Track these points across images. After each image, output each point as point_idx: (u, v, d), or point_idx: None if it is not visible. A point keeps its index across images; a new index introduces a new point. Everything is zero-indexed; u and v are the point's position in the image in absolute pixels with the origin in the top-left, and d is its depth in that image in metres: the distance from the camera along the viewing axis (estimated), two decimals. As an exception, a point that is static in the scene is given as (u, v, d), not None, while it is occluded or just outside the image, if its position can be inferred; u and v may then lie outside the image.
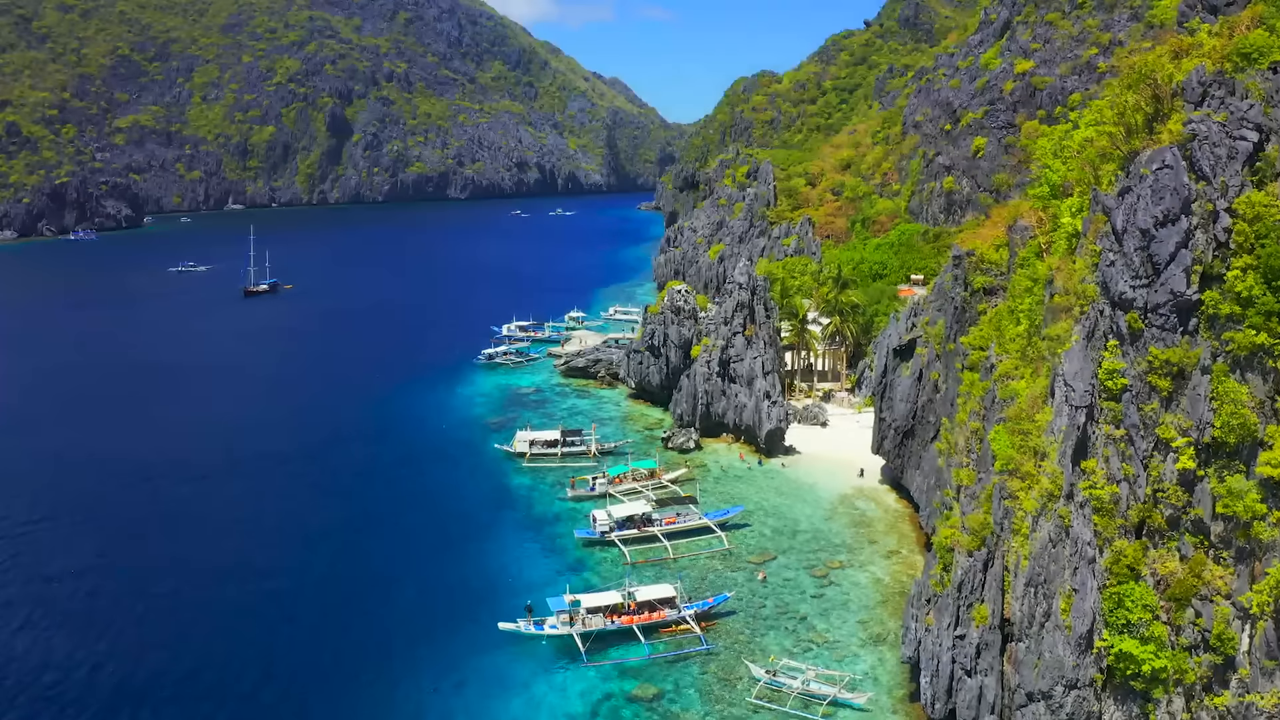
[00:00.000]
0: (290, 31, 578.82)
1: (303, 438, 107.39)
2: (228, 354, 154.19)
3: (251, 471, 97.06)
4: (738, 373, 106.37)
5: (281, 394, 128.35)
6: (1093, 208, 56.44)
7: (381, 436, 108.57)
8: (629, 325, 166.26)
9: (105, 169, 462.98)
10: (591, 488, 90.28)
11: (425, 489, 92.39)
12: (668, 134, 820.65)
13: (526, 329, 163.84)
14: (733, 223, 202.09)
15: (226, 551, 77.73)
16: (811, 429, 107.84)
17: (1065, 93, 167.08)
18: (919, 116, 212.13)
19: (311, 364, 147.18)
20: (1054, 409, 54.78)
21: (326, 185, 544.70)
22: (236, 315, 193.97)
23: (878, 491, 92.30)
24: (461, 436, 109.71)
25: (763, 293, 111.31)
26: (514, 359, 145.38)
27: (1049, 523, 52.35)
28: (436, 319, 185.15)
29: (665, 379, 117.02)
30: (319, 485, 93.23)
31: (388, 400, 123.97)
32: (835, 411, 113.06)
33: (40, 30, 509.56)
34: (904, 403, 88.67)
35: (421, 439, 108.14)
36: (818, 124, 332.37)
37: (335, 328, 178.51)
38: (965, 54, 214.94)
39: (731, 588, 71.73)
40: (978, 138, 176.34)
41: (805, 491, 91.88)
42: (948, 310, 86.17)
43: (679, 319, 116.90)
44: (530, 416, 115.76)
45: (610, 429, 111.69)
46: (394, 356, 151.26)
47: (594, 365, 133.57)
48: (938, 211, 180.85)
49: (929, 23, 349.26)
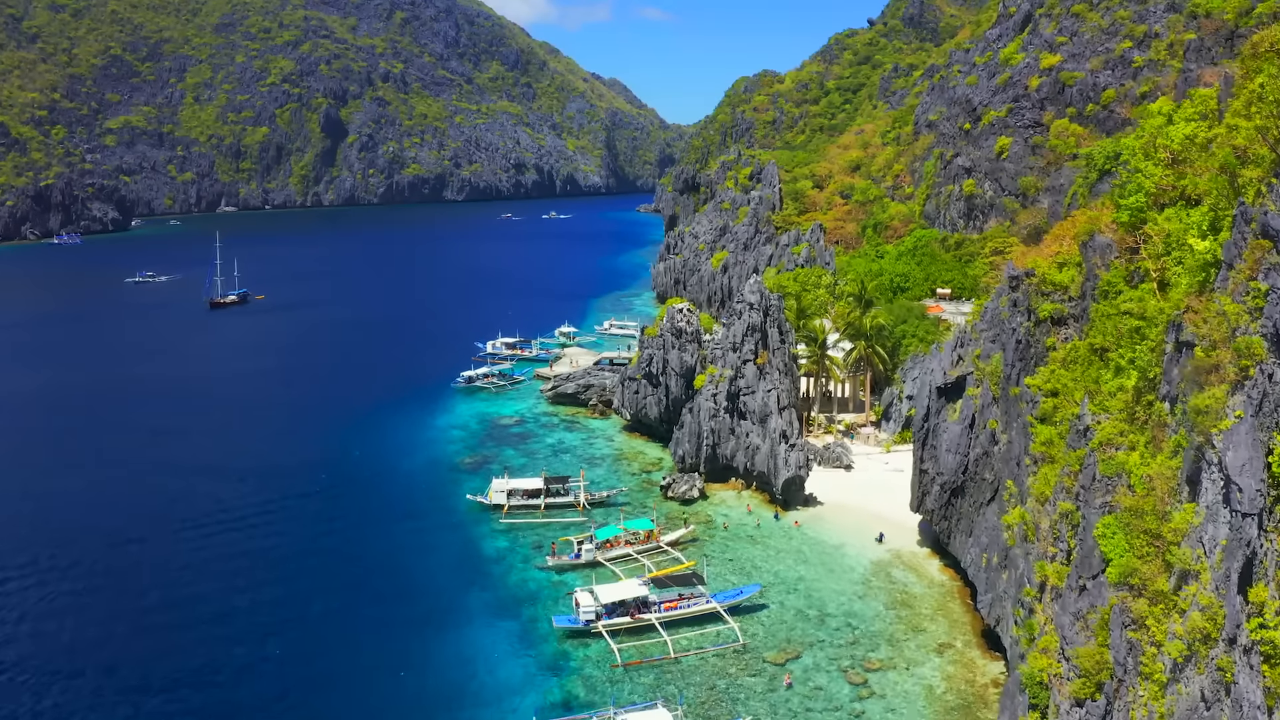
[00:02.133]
0: (285, 31, 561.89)
1: (248, 490, 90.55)
2: (174, 380, 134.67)
3: (183, 539, 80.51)
4: (749, 408, 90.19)
5: (230, 431, 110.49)
6: (1239, 228, 40.20)
7: (339, 486, 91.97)
8: (625, 342, 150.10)
9: (95, 171, 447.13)
10: (576, 554, 74.13)
11: (381, 558, 76.12)
12: (667, 135, 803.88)
13: (513, 346, 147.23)
14: (737, 228, 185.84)
15: (128, 651, 61.52)
16: (834, 473, 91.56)
17: (1098, 89, 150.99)
18: (933, 115, 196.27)
19: (271, 391, 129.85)
20: (1203, 509, 38.60)
21: (321, 187, 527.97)
22: (196, 331, 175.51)
23: (917, 557, 76.15)
24: (430, 481, 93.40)
25: (776, 313, 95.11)
26: (496, 382, 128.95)
27: (1202, 675, 36.28)
28: (416, 333, 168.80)
29: (665, 411, 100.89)
30: (258, 556, 76.66)
31: (351, 435, 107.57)
32: (860, 450, 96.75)
33: (30, 30, 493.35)
34: (952, 454, 72.57)
35: (385, 487, 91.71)
36: (821, 124, 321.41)
37: (305, 345, 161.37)
38: (983, 49, 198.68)
39: (749, 700, 55.68)
40: (1001, 137, 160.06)
41: (831, 557, 75.74)
42: (1006, 343, 70.07)
43: (680, 343, 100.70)
44: (510, 455, 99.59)
45: (601, 471, 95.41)
46: (365, 379, 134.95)
47: (585, 391, 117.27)
48: (956, 216, 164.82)
49: (934, 21, 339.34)
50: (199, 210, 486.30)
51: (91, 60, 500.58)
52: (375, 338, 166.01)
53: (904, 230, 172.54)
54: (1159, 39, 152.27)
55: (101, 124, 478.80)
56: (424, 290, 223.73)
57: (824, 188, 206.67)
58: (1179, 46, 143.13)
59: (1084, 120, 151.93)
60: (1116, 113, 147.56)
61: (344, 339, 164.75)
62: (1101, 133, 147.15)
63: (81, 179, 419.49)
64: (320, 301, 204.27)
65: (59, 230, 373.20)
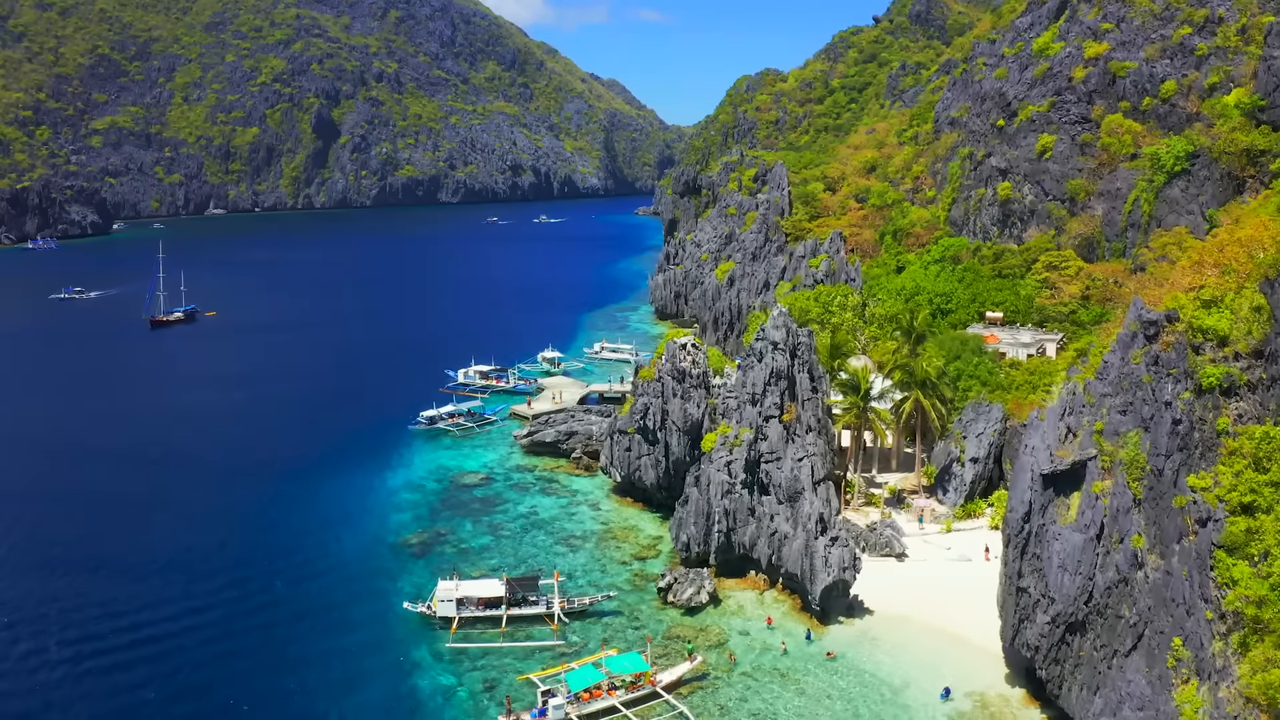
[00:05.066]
0: (276, 30, 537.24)
1: (121, 598, 66.93)
2: (71, 428, 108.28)
3: (33, 669, 58.08)
4: (774, 480, 67.69)
5: (126, 499, 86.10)
6: None
7: (248, 584, 68.48)
8: (618, 369, 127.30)
9: (80, 172, 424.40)
10: (541, 711, 51.61)
11: (279, 705, 53.66)
12: (667, 136, 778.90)
13: (488, 375, 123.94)
14: (744, 236, 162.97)
15: None
16: (882, 563, 68.95)
17: (1155, 80, 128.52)
18: (956, 112, 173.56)
19: (193, 439, 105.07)
20: None
21: (312, 189, 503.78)
22: (124, 358, 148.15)
23: (1008, 705, 53.60)
24: (363, 573, 70.56)
25: (807, 353, 72.60)
26: (462, 424, 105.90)
27: None
28: (381, 357, 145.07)
29: (664, 476, 78.39)
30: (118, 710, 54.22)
31: (279, 503, 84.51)
32: (911, 529, 73.91)
33: (16, 29, 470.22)
34: (1069, 573, 50.20)
35: (305, 585, 68.64)
36: (825, 124, 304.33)
37: (249, 374, 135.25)
38: (1012, 39, 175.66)
39: None
40: (1043, 135, 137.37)
41: (890, 707, 53.25)
42: (1154, 421, 47.71)
43: (684, 389, 78.12)
44: (467, 532, 76.92)
45: (582, 558, 72.59)
46: (312, 418, 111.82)
47: (566, 440, 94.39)
48: (989, 223, 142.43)
49: (941, 18, 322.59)
50: (187, 213, 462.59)
51: (78, 59, 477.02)
52: (333, 363, 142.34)
53: (927, 237, 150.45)
54: (1225, 24, 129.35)
55: (87, 125, 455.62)
56: (397, 305, 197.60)
57: (837, 190, 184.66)
58: (1255, 30, 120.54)
59: (1140, 115, 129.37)
60: (1180, 107, 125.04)
61: (296, 365, 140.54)
62: (1163, 129, 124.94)
63: (64, 181, 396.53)
64: (278, 319, 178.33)
65: (35, 234, 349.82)
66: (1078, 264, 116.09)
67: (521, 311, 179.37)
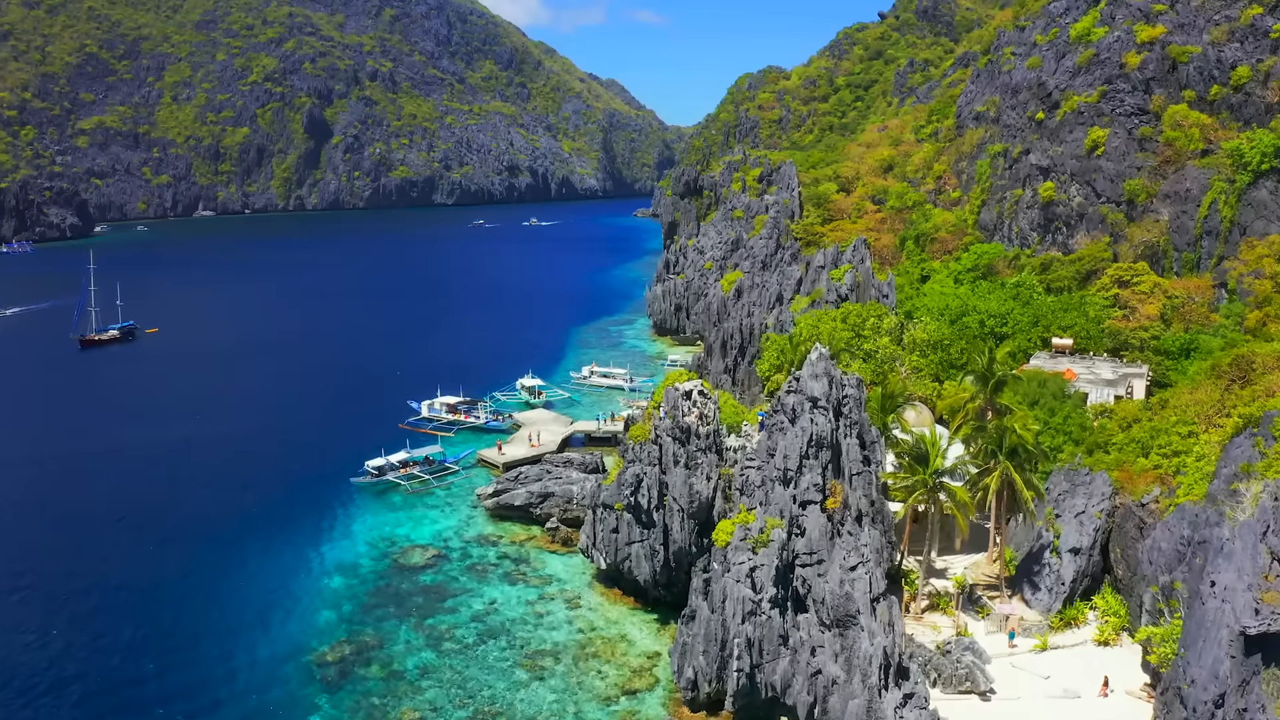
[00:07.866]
0: (268, 28, 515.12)
1: None
2: None
3: None
4: (815, 593, 47.44)
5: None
6: None
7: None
8: (609, 400, 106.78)
9: (65, 173, 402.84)
10: None
11: None
12: (666, 136, 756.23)
13: (455, 408, 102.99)
14: (752, 242, 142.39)
15: None
16: (960, 702, 48.60)
17: (1224, 66, 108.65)
18: (982, 106, 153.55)
19: (93, 490, 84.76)
20: None
21: (304, 190, 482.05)
22: (39, 384, 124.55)
23: None
24: (260, 709, 50.34)
25: (856, 410, 52.33)
26: (418, 474, 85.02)
27: None
28: (337, 382, 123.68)
29: (662, 571, 58.01)
30: None
31: (174, 589, 63.93)
32: (995, 647, 53.34)
33: (3, 26, 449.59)
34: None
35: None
36: (830, 123, 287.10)
37: (176, 405, 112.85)
38: (1044, 26, 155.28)
39: None
40: (1093, 129, 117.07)
41: None
42: None
43: (689, 453, 57.78)
44: (402, 644, 56.45)
45: (549, 692, 52.10)
46: (237, 465, 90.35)
47: (540, 503, 73.83)
48: (1027, 228, 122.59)
49: (949, 15, 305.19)
50: (175, 214, 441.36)
51: (66, 58, 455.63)
52: (280, 391, 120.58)
53: (954, 243, 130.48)
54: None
55: (74, 124, 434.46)
56: (363, 320, 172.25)
57: (851, 191, 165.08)
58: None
59: (1209, 106, 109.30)
60: (1257, 96, 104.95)
61: (236, 395, 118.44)
62: (1238, 121, 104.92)
63: (48, 182, 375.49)
64: (227, 337, 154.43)
65: (11, 238, 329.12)
66: (1152, 278, 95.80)
67: (502, 328, 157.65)
